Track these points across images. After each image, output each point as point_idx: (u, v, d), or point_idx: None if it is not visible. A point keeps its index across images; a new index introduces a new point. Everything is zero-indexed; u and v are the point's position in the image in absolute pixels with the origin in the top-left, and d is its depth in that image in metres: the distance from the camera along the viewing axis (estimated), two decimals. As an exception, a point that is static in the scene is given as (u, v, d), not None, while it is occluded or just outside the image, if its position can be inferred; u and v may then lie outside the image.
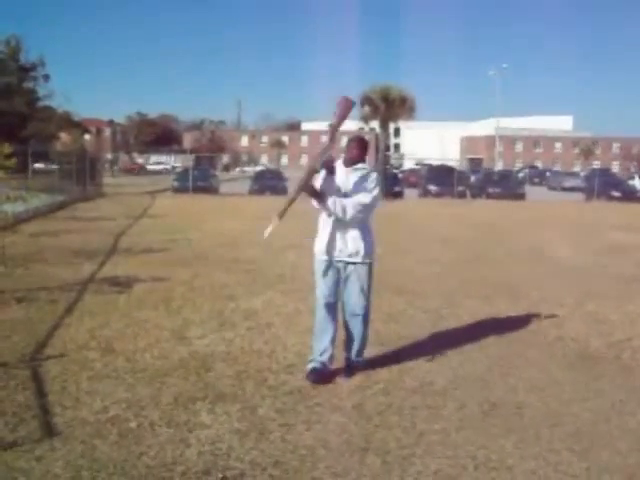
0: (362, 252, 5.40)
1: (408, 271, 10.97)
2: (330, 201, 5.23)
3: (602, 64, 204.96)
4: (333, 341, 5.54)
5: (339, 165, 5.42)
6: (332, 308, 5.52)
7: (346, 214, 5.28)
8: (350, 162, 5.41)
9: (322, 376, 5.39)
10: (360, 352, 5.62)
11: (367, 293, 5.50)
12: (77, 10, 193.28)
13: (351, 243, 5.37)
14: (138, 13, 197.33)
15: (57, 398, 4.92)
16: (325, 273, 5.45)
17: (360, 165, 5.45)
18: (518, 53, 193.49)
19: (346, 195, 5.31)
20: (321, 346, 5.49)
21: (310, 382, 5.31)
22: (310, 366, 5.49)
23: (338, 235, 5.38)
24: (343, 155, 5.48)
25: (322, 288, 5.47)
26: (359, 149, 5.45)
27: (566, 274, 11.22)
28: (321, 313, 5.51)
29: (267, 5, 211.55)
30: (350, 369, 5.55)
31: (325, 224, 5.46)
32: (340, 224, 5.35)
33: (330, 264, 5.43)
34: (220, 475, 3.82)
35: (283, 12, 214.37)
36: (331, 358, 5.54)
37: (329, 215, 5.36)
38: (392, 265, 11.21)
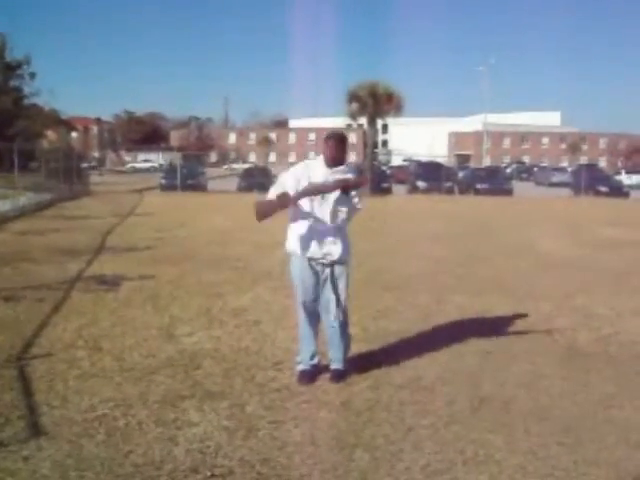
0: (338, 253, 5.27)
1: (396, 267, 10.97)
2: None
3: (589, 60, 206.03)
4: (317, 341, 5.50)
5: (320, 164, 5.29)
6: (315, 312, 5.41)
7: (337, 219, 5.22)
8: (333, 162, 5.23)
9: (312, 377, 5.36)
10: (344, 358, 5.47)
11: (345, 292, 5.38)
12: (63, 7, 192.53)
13: (326, 246, 5.23)
14: (125, 11, 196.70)
15: (44, 397, 4.89)
16: (303, 273, 5.30)
17: (341, 167, 5.27)
18: (506, 49, 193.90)
19: (331, 194, 5.16)
20: (309, 351, 5.42)
21: (302, 384, 5.26)
22: (300, 368, 5.43)
23: (314, 237, 5.23)
24: (323, 153, 5.30)
25: (302, 292, 5.33)
26: (341, 148, 5.27)
27: (554, 269, 11.25)
28: (304, 318, 5.41)
29: (253, 2, 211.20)
30: (338, 375, 5.38)
31: (298, 222, 5.30)
32: (315, 228, 5.22)
33: (307, 263, 5.28)
34: (209, 473, 3.81)
35: (269, 9, 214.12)
36: (319, 359, 5.51)
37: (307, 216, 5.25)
38: (381, 261, 11.22)
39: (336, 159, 5.25)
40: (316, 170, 5.28)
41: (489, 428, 4.50)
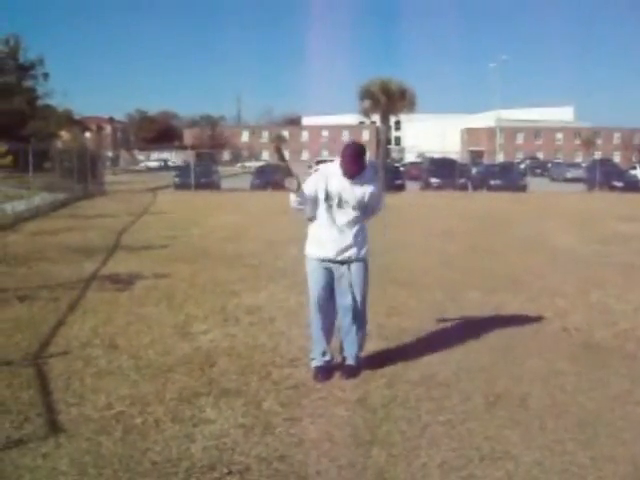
0: (356, 253, 5.33)
1: (411, 263, 10.96)
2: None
3: (602, 54, 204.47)
4: (331, 338, 5.52)
5: (337, 171, 5.23)
6: (329, 311, 5.44)
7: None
8: (349, 174, 5.18)
9: (328, 374, 5.37)
10: (358, 355, 5.50)
11: (362, 289, 5.41)
12: (76, 8, 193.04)
13: (345, 250, 5.28)
14: (137, 10, 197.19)
15: (61, 395, 4.93)
16: (319, 273, 5.35)
17: (359, 178, 5.24)
18: (518, 45, 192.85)
19: (347, 203, 5.21)
20: (321, 349, 5.44)
21: (319, 382, 5.26)
22: (315, 364, 5.45)
23: (333, 241, 5.27)
24: (338, 160, 5.23)
25: (316, 291, 5.36)
26: (359, 161, 5.19)
27: (569, 264, 11.21)
28: (318, 317, 5.41)
29: (265, 1, 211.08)
30: (350, 371, 5.42)
31: (317, 226, 5.34)
32: (337, 228, 5.26)
33: (323, 264, 5.33)
34: (225, 470, 3.83)
35: (282, 6, 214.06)
36: (332, 356, 5.52)
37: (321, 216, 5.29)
38: (394, 258, 11.20)
39: (352, 171, 5.20)
40: (333, 178, 5.24)
41: (505, 424, 4.50)
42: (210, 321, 7.11)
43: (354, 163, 5.18)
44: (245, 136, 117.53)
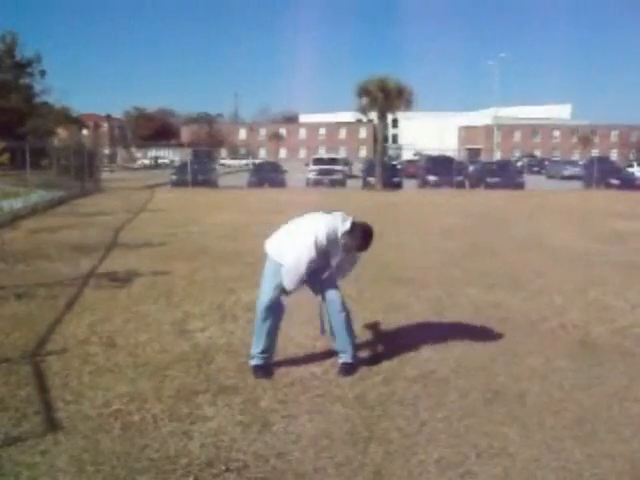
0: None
1: (408, 261, 10.97)
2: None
3: (600, 52, 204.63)
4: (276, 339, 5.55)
5: (339, 237, 5.25)
6: (282, 310, 5.49)
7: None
8: (351, 249, 5.33)
9: (268, 371, 5.39)
10: (351, 352, 5.49)
11: (335, 287, 5.48)
12: (73, 5, 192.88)
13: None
14: (134, 7, 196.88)
15: (59, 393, 4.93)
16: (276, 274, 5.38)
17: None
18: (516, 42, 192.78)
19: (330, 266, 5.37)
20: (264, 346, 5.42)
21: (261, 377, 5.28)
22: (255, 364, 5.42)
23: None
24: (349, 227, 5.25)
25: (280, 289, 5.37)
26: (366, 244, 5.33)
27: (567, 262, 11.22)
28: (274, 315, 5.41)
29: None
30: (345, 369, 5.41)
31: (290, 233, 5.49)
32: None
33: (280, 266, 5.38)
34: (223, 467, 3.83)
35: (279, 4, 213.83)
36: (271, 354, 5.54)
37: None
38: (392, 255, 11.21)
39: (359, 250, 5.38)
40: (336, 245, 5.29)
41: (503, 421, 4.50)
42: (208, 318, 7.11)
43: (366, 247, 5.35)
44: (242, 133, 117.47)
